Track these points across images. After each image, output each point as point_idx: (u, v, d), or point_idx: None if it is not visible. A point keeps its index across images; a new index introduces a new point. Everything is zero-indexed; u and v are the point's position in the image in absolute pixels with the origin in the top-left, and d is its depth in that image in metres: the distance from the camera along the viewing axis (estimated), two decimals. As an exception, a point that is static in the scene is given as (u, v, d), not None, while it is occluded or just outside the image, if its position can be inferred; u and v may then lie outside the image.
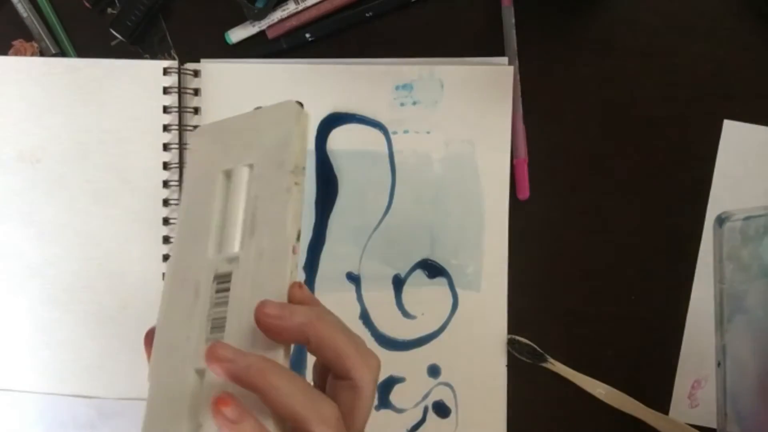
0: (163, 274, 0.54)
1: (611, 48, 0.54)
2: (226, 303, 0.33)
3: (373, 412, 0.54)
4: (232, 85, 0.54)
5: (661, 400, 0.54)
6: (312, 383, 0.35)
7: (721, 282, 0.50)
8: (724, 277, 0.50)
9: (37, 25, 0.55)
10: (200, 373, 0.32)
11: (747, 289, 0.50)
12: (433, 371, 0.55)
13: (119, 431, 0.55)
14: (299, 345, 0.32)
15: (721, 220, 0.50)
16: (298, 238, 0.33)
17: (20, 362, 0.56)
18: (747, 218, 0.49)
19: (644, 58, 0.54)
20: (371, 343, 0.54)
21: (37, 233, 0.55)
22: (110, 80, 0.54)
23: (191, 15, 0.56)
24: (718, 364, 0.50)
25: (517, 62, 0.54)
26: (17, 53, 0.55)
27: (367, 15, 0.54)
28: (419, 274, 0.54)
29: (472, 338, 0.54)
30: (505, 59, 0.54)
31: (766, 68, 0.54)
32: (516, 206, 0.54)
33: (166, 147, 0.54)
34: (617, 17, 0.54)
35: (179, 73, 0.54)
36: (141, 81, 0.54)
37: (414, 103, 0.54)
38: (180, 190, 0.55)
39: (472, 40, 0.54)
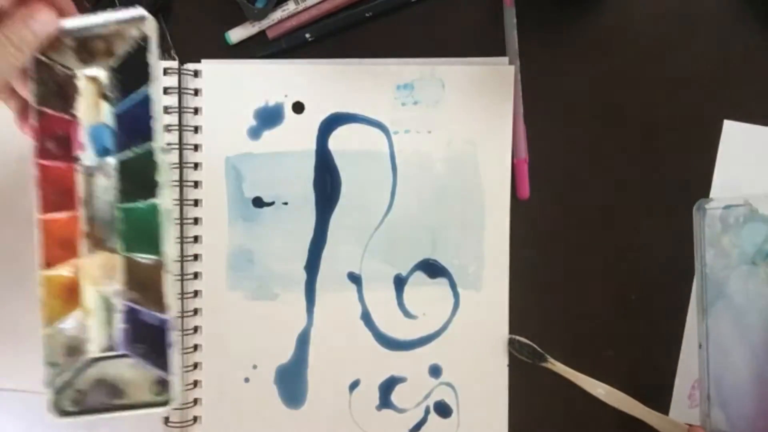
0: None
1: (612, 48, 0.55)
2: None
3: (375, 411, 0.55)
4: (232, 85, 0.54)
5: (661, 400, 0.54)
6: None
7: (703, 265, 0.51)
8: (705, 262, 0.51)
9: (37, 25, 0.55)
10: None
11: (728, 275, 0.50)
12: (435, 371, 0.55)
13: (119, 431, 0.55)
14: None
15: (699, 206, 0.51)
16: None
17: (20, 362, 0.56)
18: (727, 207, 0.50)
19: (645, 58, 0.54)
20: (373, 343, 0.55)
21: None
22: (110, 80, 0.54)
23: (191, 15, 0.55)
24: (700, 346, 0.50)
25: (518, 62, 0.54)
26: (17, 53, 0.55)
27: (367, 15, 0.54)
28: (420, 274, 0.54)
29: (473, 338, 0.54)
30: (506, 59, 0.54)
31: (766, 68, 0.54)
32: (516, 206, 0.54)
33: (166, 147, 0.54)
34: (618, 17, 0.54)
35: (179, 74, 0.54)
36: (141, 81, 0.54)
37: (415, 103, 0.54)
38: (180, 190, 0.55)
39: (473, 40, 0.54)
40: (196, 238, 0.55)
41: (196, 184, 0.55)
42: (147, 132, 0.38)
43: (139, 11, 0.39)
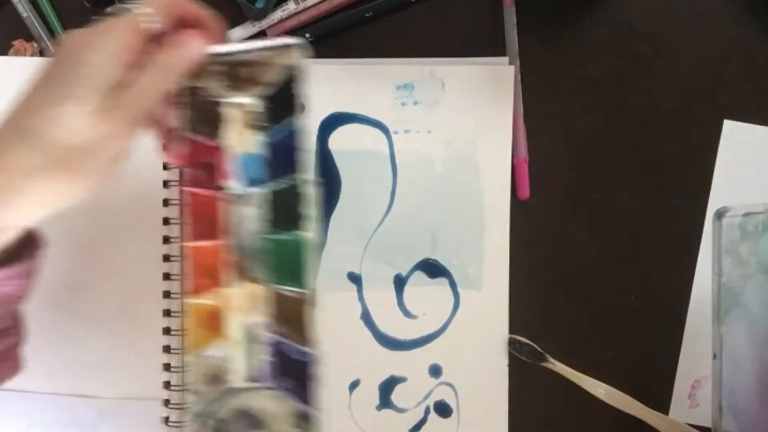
0: (164, 274, 0.54)
1: (611, 48, 0.55)
2: None
3: (375, 411, 0.55)
4: (233, 85, 0.54)
5: (661, 400, 0.54)
6: None
7: (719, 274, 0.50)
8: (722, 270, 0.50)
9: (37, 25, 0.55)
10: None
11: (745, 284, 0.50)
12: (435, 371, 0.55)
13: (119, 431, 0.55)
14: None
15: (719, 214, 0.50)
16: None
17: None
18: (746, 214, 0.49)
19: (644, 58, 0.54)
20: (373, 343, 0.54)
21: (37, 233, 0.55)
22: (110, 80, 0.54)
23: (191, 15, 0.55)
24: (714, 356, 0.50)
25: (518, 62, 0.54)
26: (17, 53, 0.55)
27: (367, 15, 0.54)
28: (420, 273, 0.54)
29: (473, 338, 0.54)
30: (505, 59, 0.54)
31: (766, 68, 0.54)
32: (516, 206, 0.54)
33: (166, 147, 0.54)
34: (617, 18, 0.54)
35: (179, 73, 0.54)
36: (141, 81, 0.54)
37: (415, 103, 0.54)
38: (180, 191, 0.55)
39: (473, 40, 0.54)
40: (196, 238, 0.55)
41: (196, 184, 0.55)
42: (296, 164, 0.38)
43: (289, 39, 0.39)
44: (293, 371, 0.38)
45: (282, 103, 0.39)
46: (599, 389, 0.54)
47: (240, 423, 0.38)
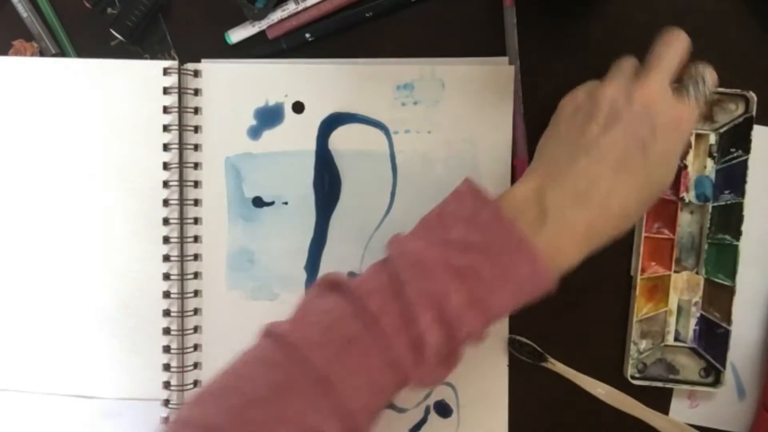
0: (164, 274, 0.54)
1: (612, 48, 0.54)
2: None
3: (375, 412, 0.54)
4: (232, 85, 0.54)
5: (661, 400, 0.54)
6: None
7: None
8: None
9: (37, 25, 0.55)
10: None
11: None
12: (435, 371, 0.55)
13: (119, 431, 0.55)
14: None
15: None
16: None
17: (20, 362, 0.56)
18: None
19: (645, 57, 0.54)
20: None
21: (37, 233, 0.55)
22: (110, 80, 0.54)
23: (191, 15, 0.55)
24: None
25: (518, 62, 0.54)
26: (17, 53, 0.55)
27: (367, 15, 0.54)
28: (420, 274, 0.54)
29: (473, 338, 0.54)
30: (505, 59, 0.54)
31: (766, 68, 0.54)
32: (516, 206, 0.54)
33: (166, 147, 0.54)
34: (618, 17, 0.54)
35: (179, 73, 0.54)
36: (141, 81, 0.54)
37: (415, 103, 0.54)
38: (180, 191, 0.55)
39: (473, 40, 0.54)
40: (196, 238, 0.55)
41: (196, 184, 0.55)
42: (737, 188, 0.51)
43: (745, 92, 0.52)
44: (711, 338, 0.52)
45: (734, 138, 0.52)
46: (599, 389, 0.54)
47: (659, 367, 0.53)
